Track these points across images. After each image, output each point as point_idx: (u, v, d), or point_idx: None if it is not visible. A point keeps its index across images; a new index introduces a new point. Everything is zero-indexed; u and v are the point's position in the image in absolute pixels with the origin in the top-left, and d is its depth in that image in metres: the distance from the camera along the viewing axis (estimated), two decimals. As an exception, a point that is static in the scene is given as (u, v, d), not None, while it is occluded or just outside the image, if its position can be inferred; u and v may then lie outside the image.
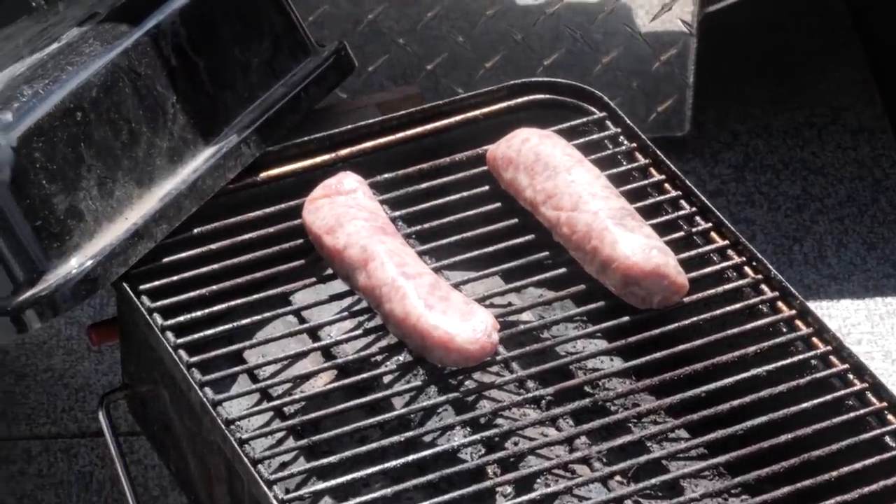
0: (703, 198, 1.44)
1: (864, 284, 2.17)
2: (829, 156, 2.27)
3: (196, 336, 1.29)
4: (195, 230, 1.38)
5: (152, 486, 1.73)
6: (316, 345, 1.31)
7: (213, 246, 1.35)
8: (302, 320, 1.33)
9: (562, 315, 1.34)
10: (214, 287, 1.30)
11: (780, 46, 2.47)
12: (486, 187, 1.42)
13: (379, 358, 1.32)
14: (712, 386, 1.21)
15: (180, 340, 1.27)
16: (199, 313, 1.31)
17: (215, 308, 1.30)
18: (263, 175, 1.46)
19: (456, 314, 1.22)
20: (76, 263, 1.31)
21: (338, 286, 1.35)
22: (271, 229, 1.38)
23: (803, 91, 2.36)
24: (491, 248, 1.36)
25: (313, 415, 1.22)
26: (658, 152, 1.48)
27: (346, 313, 1.35)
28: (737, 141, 2.26)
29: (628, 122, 1.52)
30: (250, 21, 1.59)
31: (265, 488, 1.14)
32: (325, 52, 1.61)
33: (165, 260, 1.35)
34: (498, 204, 1.40)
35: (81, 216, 1.37)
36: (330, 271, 1.35)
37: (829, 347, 1.24)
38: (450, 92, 1.99)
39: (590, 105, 1.51)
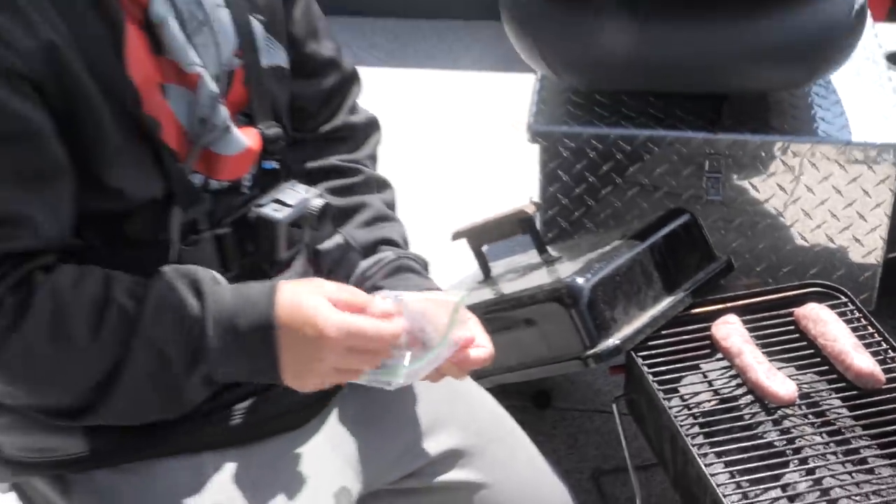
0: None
1: None
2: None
3: (661, 378, 1.58)
4: (662, 332, 1.68)
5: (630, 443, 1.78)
6: (711, 388, 1.59)
7: (668, 340, 1.66)
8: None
9: (824, 387, 1.60)
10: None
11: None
12: (792, 327, 1.68)
13: (739, 394, 1.58)
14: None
15: (654, 379, 1.59)
16: (660, 368, 1.61)
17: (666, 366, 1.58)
18: (693, 311, 1.73)
19: (781, 381, 1.53)
20: (611, 342, 1.62)
21: (723, 364, 1.62)
22: (695, 335, 1.67)
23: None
24: (793, 355, 1.63)
25: (710, 419, 1.52)
26: (875, 322, 1.70)
27: (726, 372, 1.61)
28: (892, 320, 2.23)
29: (860, 306, 1.74)
30: (690, 243, 1.84)
31: (694, 448, 1.43)
32: (721, 259, 1.85)
33: (648, 343, 1.66)
34: (796, 335, 1.67)
35: (616, 321, 1.66)
36: (719, 356, 1.63)
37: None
38: (764, 281, 2.22)
39: (840, 295, 1.76)
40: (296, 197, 1.24)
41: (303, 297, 1.10)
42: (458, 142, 3.00)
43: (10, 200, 1.05)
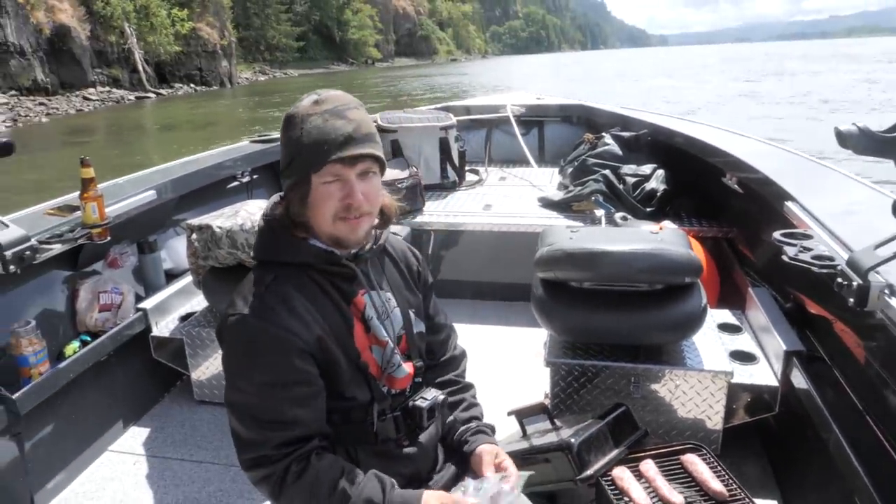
0: (737, 483, 1.53)
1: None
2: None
3: (614, 492, 1.49)
4: (613, 468, 1.56)
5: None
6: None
7: (616, 472, 1.54)
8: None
9: (697, 499, 1.48)
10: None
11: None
12: (680, 466, 1.58)
13: (653, 501, 1.47)
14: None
15: (610, 492, 1.50)
16: (613, 487, 1.50)
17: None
18: (629, 457, 1.60)
19: (676, 495, 1.47)
20: (589, 472, 1.52)
21: (645, 485, 1.50)
22: (630, 469, 1.55)
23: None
24: (681, 481, 1.54)
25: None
26: (721, 462, 1.59)
27: (647, 489, 1.50)
28: (730, 458, 2.07)
29: (712, 453, 1.62)
30: (626, 421, 1.71)
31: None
32: (642, 429, 1.71)
33: (606, 473, 1.55)
34: (682, 471, 1.57)
35: (590, 462, 1.55)
36: (644, 480, 1.54)
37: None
38: (662, 440, 2.18)
39: (703, 448, 1.65)
40: (430, 395, 1.35)
41: (439, 494, 1.23)
42: (508, 364, 2.98)
43: (287, 413, 1.14)
